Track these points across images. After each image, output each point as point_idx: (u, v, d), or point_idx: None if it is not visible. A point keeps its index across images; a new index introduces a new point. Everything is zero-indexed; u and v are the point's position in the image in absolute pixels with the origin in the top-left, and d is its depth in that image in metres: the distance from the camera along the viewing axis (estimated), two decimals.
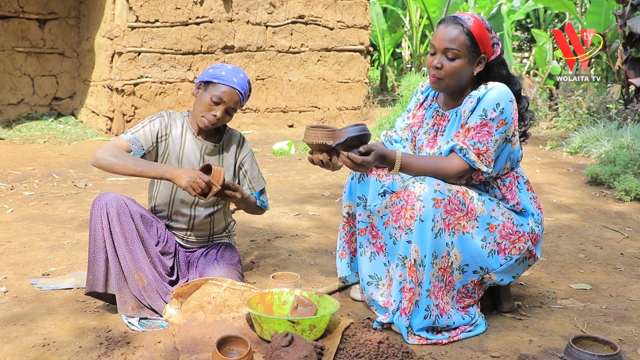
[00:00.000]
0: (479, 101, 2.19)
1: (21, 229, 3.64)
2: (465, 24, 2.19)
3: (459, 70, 2.20)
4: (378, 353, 1.92)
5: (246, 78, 2.50)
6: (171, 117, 2.53)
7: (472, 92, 2.24)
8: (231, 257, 2.58)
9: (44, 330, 2.21)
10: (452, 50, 2.18)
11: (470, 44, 2.18)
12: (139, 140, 2.42)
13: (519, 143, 2.33)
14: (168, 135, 2.50)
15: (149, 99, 7.18)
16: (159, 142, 2.49)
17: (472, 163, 2.17)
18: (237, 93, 2.44)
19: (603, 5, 8.29)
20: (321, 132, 2.16)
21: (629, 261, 3.14)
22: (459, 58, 2.19)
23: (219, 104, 2.43)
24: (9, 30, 8.47)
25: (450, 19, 2.22)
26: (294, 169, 5.65)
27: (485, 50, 2.22)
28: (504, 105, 2.17)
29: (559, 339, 2.20)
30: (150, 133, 2.46)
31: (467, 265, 2.20)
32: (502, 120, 2.18)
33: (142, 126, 2.47)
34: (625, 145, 5.52)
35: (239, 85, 2.45)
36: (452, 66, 2.19)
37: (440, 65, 2.20)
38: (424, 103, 2.47)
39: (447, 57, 2.20)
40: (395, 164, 2.15)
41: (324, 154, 2.20)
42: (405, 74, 10.57)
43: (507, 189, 2.30)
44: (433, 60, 2.23)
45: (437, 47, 2.22)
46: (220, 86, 2.43)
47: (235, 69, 2.49)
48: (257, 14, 7.67)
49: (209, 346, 2.01)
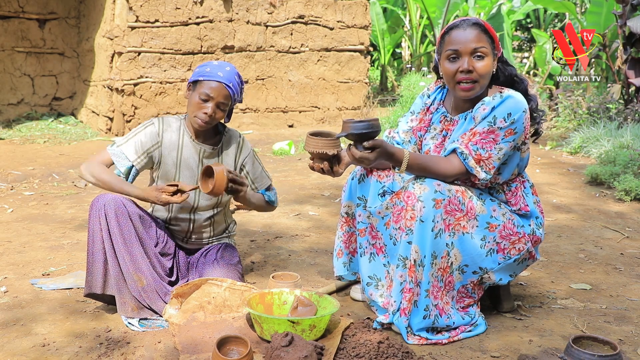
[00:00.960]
0: (492, 109, 2.16)
1: (21, 229, 3.64)
2: (479, 22, 2.18)
3: (489, 68, 2.17)
4: (378, 353, 1.92)
5: (233, 71, 2.45)
6: (164, 123, 2.49)
7: (485, 98, 2.20)
8: (231, 257, 2.58)
9: (44, 330, 2.21)
10: (480, 49, 2.14)
11: (491, 41, 2.18)
12: (124, 153, 2.41)
13: (528, 149, 2.30)
14: (160, 143, 2.47)
15: (149, 99, 7.18)
16: (150, 152, 2.46)
17: (470, 169, 2.16)
18: (224, 87, 2.39)
19: (603, 5, 8.29)
20: (322, 142, 2.15)
21: (629, 261, 3.14)
22: (487, 56, 2.16)
23: (207, 101, 2.39)
24: (9, 30, 8.47)
25: (463, 23, 2.18)
26: (294, 169, 5.65)
27: (497, 47, 2.22)
28: (516, 116, 2.14)
29: (559, 339, 2.20)
30: (140, 144, 2.43)
31: (467, 265, 2.20)
32: (510, 130, 2.15)
33: (133, 136, 2.45)
34: (625, 145, 5.52)
35: (225, 78, 2.40)
36: (483, 65, 2.15)
37: (472, 67, 2.15)
38: (430, 107, 2.42)
39: (477, 57, 2.15)
40: (403, 163, 2.15)
41: (325, 163, 2.20)
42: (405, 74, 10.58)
43: (512, 193, 2.29)
44: (460, 65, 2.16)
45: (462, 51, 2.15)
46: (206, 82, 2.39)
47: (220, 64, 2.46)
48: (257, 14, 7.67)
49: (209, 346, 2.01)
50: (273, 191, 2.69)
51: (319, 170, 2.22)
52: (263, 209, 2.67)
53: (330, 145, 2.15)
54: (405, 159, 2.14)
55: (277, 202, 2.73)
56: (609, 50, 7.49)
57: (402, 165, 2.15)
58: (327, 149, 2.15)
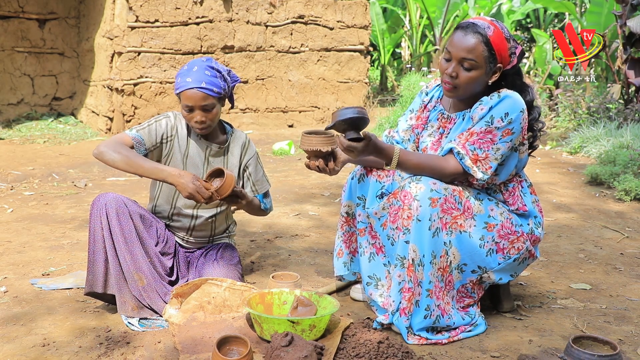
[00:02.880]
0: (490, 109, 2.16)
1: (21, 229, 3.64)
2: (485, 33, 2.12)
3: (474, 80, 2.15)
4: (378, 353, 1.92)
5: (202, 67, 2.37)
6: (177, 118, 2.51)
7: (483, 98, 2.20)
8: (231, 257, 2.58)
9: (43, 330, 2.21)
10: (469, 61, 2.12)
11: (488, 55, 2.12)
12: (144, 139, 2.40)
13: (527, 149, 2.29)
14: (174, 136, 2.48)
15: (149, 99, 7.18)
16: (163, 142, 2.46)
17: (467, 168, 2.16)
18: (197, 90, 2.35)
19: (603, 5, 8.29)
20: (316, 139, 2.16)
21: (629, 261, 3.14)
22: (475, 69, 2.13)
23: (192, 110, 2.38)
24: (9, 30, 8.47)
25: (469, 27, 2.15)
26: (293, 169, 5.65)
27: (502, 61, 2.17)
28: (513, 115, 2.13)
29: (559, 339, 2.20)
30: (156, 133, 2.43)
31: (465, 264, 2.20)
32: (508, 130, 2.14)
33: (148, 124, 2.44)
34: (625, 145, 5.52)
35: (195, 81, 2.35)
36: (467, 77, 2.14)
37: (456, 74, 2.15)
38: (428, 105, 2.43)
39: (463, 67, 2.14)
40: (393, 160, 2.15)
41: (320, 160, 2.20)
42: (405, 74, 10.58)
43: (509, 193, 2.29)
44: (448, 67, 2.16)
45: (453, 55, 2.15)
46: (182, 94, 2.37)
47: (189, 67, 2.40)
48: (257, 14, 7.67)
49: (209, 346, 2.01)
50: (269, 198, 2.70)
51: (314, 168, 2.22)
52: (256, 213, 2.67)
53: (324, 143, 2.15)
54: (396, 156, 2.14)
55: (271, 209, 2.73)
56: (609, 50, 7.48)
57: (392, 161, 2.15)
58: (321, 146, 2.15)
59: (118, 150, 2.29)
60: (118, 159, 2.27)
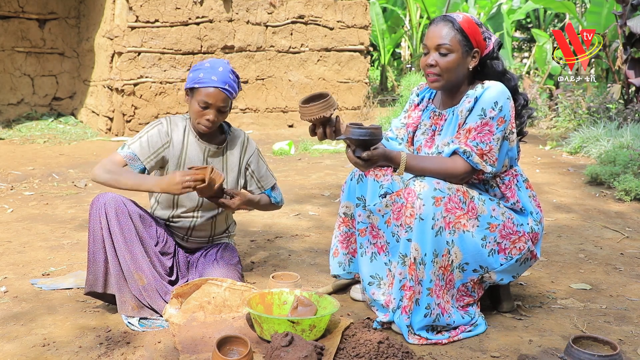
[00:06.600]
0: (476, 100, 2.21)
1: (21, 229, 3.64)
2: (454, 19, 2.22)
3: (453, 64, 2.21)
4: (378, 353, 1.92)
5: (227, 70, 2.40)
6: (171, 123, 2.49)
7: (469, 92, 2.26)
8: (231, 257, 2.58)
9: (44, 330, 2.21)
10: (444, 46, 2.20)
11: (461, 38, 2.21)
12: (136, 153, 2.40)
13: (517, 141, 2.34)
14: (169, 142, 2.46)
15: (149, 99, 7.18)
16: (160, 152, 2.44)
17: (476, 165, 2.18)
18: (220, 91, 2.36)
19: (603, 5, 8.30)
20: (315, 107, 2.18)
21: (629, 261, 3.14)
22: (452, 53, 2.20)
23: (207, 108, 2.38)
24: (9, 30, 8.48)
25: (439, 18, 2.26)
26: (294, 169, 5.65)
27: (478, 45, 2.24)
28: (502, 103, 2.19)
29: (559, 339, 2.20)
30: (148, 143, 2.42)
31: (467, 263, 2.20)
32: (501, 118, 2.19)
33: (139, 137, 2.43)
34: (625, 145, 5.52)
35: (220, 82, 2.37)
36: (446, 61, 2.21)
37: (435, 62, 2.22)
38: (419, 105, 2.48)
39: (440, 54, 2.21)
40: (401, 165, 2.18)
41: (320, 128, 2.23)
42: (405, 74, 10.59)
43: (506, 187, 2.31)
44: (427, 59, 2.25)
45: (429, 46, 2.24)
46: (202, 90, 2.36)
47: (213, 65, 2.41)
48: (257, 14, 7.67)
49: (209, 346, 2.01)
50: (278, 191, 2.70)
51: (321, 137, 2.26)
52: (268, 209, 2.70)
53: (325, 108, 2.17)
54: (403, 162, 2.17)
55: (282, 202, 2.74)
56: (609, 50, 7.49)
57: (400, 167, 2.18)
58: (323, 112, 2.17)
59: (108, 169, 2.34)
60: (108, 178, 2.33)
